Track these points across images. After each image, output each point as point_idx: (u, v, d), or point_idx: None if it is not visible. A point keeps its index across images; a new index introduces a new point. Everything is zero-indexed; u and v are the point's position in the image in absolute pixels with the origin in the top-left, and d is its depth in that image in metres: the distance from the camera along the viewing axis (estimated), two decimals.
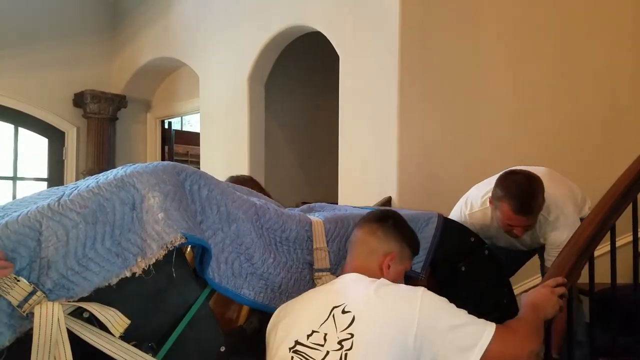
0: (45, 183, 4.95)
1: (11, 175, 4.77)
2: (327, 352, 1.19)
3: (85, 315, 1.17)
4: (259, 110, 4.03)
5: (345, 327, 1.20)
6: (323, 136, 4.45)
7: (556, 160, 3.18)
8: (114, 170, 1.39)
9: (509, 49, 3.18)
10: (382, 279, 1.30)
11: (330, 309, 1.25)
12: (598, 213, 1.88)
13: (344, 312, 1.23)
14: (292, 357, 1.22)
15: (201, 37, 4.33)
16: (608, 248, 2.03)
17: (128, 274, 1.19)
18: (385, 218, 1.46)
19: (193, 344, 1.31)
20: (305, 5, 3.50)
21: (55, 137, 4.97)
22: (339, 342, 1.19)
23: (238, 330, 1.42)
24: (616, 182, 1.99)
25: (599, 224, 1.86)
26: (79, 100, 4.94)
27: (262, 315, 1.46)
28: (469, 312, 1.25)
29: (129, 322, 1.18)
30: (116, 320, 1.17)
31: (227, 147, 4.11)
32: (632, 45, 3.33)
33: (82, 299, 1.16)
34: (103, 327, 1.17)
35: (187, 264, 1.34)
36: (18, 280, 1.10)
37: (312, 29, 3.51)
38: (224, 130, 4.15)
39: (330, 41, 3.33)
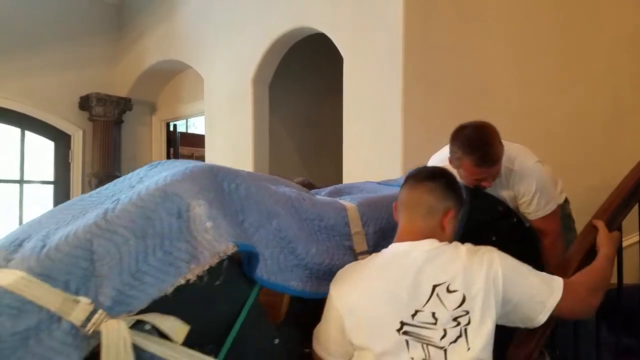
0: (52, 186, 4.98)
1: (18, 178, 4.80)
2: (445, 330, 1.24)
3: (147, 327, 1.16)
4: (263, 112, 4.03)
5: (458, 305, 1.26)
6: (327, 137, 4.45)
7: (559, 160, 3.16)
8: (148, 175, 1.39)
9: (512, 49, 3.17)
10: (462, 246, 1.35)
11: (431, 287, 1.27)
12: (604, 213, 1.87)
13: (449, 290, 1.27)
14: (407, 340, 1.25)
15: (205, 39, 4.35)
16: None
17: (182, 282, 1.18)
18: (439, 176, 1.47)
19: (249, 341, 1.32)
20: (309, 7, 3.51)
21: (61, 140, 5.00)
22: (455, 319, 1.25)
23: (286, 321, 1.44)
24: (622, 182, 1.98)
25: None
26: (84, 103, 4.96)
27: (303, 302, 1.46)
28: None
29: (188, 328, 1.18)
30: (177, 328, 1.17)
31: (231, 148, 4.12)
32: (634, 46, 3.31)
33: (139, 312, 1.15)
34: (163, 337, 1.17)
35: (235, 265, 1.34)
36: (78, 301, 1.10)
37: (315, 31, 3.51)
38: (228, 132, 4.16)
39: (334, 42, 3.34)
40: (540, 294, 1.31)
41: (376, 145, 3.07)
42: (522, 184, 2.02)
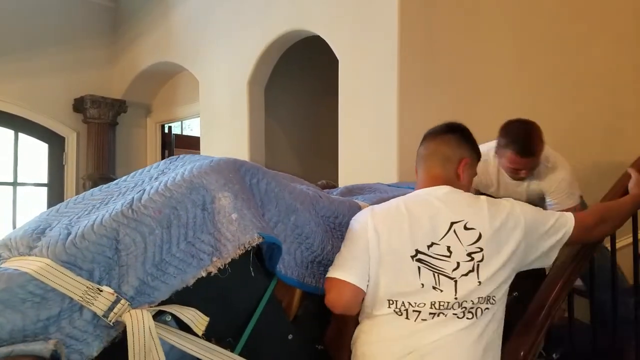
0: (46, 188, 4.95)
1: (11, 180, 4.77)
2: (458, 263, 1.32)
3: (168, 318, 1.17)
4: (259, 114, 4.03)
5: (473, 241, 1.33)
6: (323, 138, 4.46)
7: None
8: (170, 168, 1.41)
9: (512, 51, 3.18)
10: (482, 196, 1.44)
11: (449, 223, 1.35)
12: None
13: (466, 228, 1.34)
14: (419, 267, 1.32)
15: (201, 41, 4.34)
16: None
17: (204, 274, 1.20)
18: (454, 129, 1.55)
19: (265, 335, 1.33)
20: (305, 10, 3.51)
21: (55, 143, 4.97)
22: (468, 255, 1.32)
23: (299, 318, 1.44)
24: (616, 184, 1.99)
25: None
26: (79, 105, 4.94)
27: (316, 300, 1.47)
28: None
29: (208, 319, 1.19)
30: (197, 319, 1.18)
31: (227, 151, 4.11)
32: (635, 47, 3.34)
33: (160, 303, 1.16)
34: (182, 328, 1.18)
35: (253, 259, 1.35)
36: (101, 290, 1.10)
37: (311, 33, 3.52)
38: (224, 134, 4.15)
39: (330, 45, 3.34)
40: (556, 234, 1.41)
41: (372, 146, 3.07)
42: (554, 175, 2.30)
